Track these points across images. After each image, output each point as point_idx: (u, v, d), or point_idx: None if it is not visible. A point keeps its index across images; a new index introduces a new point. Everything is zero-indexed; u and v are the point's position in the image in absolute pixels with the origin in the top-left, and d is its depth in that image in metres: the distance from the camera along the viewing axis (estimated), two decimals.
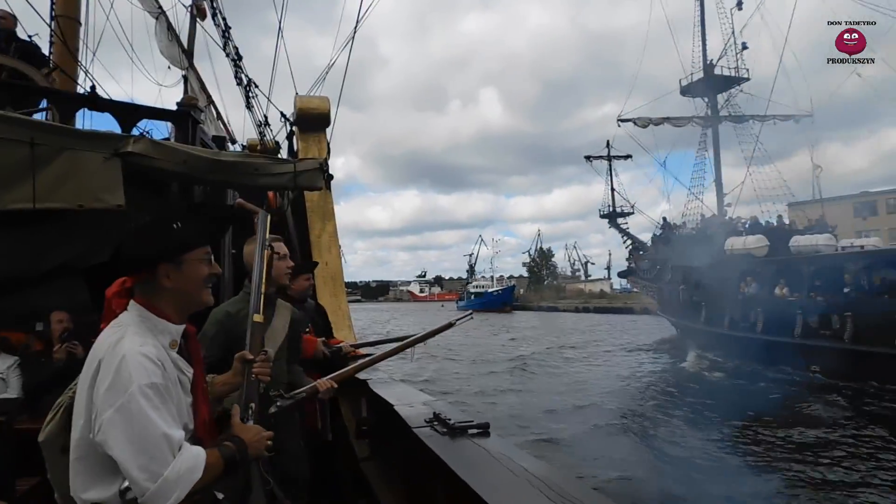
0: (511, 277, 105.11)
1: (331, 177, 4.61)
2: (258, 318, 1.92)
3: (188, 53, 10.45)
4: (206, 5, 9.29)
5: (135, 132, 3.85)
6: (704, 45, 26.17)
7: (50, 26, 5.53)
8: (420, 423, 2.10)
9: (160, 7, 9.79)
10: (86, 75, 5.57)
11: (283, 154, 6.33)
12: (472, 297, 79.59)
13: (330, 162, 4.49)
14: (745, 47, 24.87)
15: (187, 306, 1.51)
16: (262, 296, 1.99)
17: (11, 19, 4.97)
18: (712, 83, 25.88)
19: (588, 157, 29.30)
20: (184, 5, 10.31)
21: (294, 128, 5.91)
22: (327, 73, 6.56)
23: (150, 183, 3.39)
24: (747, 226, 21.70)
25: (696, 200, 26.43)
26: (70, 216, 2.88)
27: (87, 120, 5.03)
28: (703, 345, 20.02)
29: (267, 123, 7.60)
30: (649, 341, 26.03)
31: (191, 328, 1.56)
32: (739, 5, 25.14)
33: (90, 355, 1.38)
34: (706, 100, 26.48)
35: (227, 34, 7.80)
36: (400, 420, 2.24)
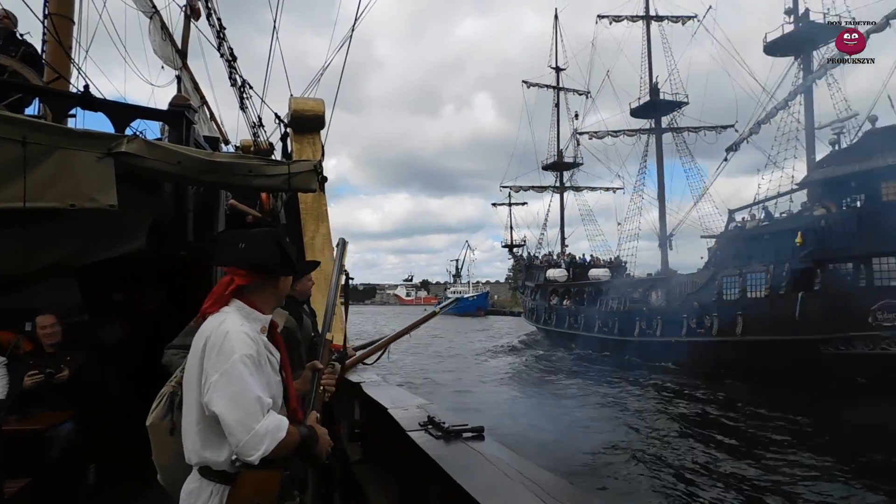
0: (488, 283, 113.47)
1: (325, 178, 4.59)
2: (330, 335, 2.10)
3: (182, 53, 10.40)
4: (200, 5, 9.24)
5: (128, 132, 3.82)
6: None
7: (43, 24, 5.49)
8: (414, 427, 2.10)
9: (154, 6, 9.74)
10: (79, 74, 5.54)
11: (277, 155, 6.31)
12: (447, 299, 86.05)
13: (323, 164, 4.48)
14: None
15: (261, 307, 1.74)
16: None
17: (11, 19, 4.93)
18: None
19: (494, 204, 45.69)
20: (178, 5, 10.26)
21: (288, 129, 5.89)
22: (322, 74, 6.55)
23: (144, 183, 3.37)
24: (561, 261, 37.86)
25: (543, 237, 41.71)
26: (62, 216, 2.85)
27: (80, 119, 5.01)
28: (535, 332, 37.26)
29: (261, 124, 7.57)
30: (518, 336, 38.06)
31: (273, 322, 1.80)
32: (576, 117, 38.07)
33: (198, 336, 1.62)
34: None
35: (221, 34, 7.76)
36: (394, 423, 2.24)
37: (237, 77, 7.17)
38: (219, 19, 7.29)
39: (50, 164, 2.70)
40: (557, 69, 40.31)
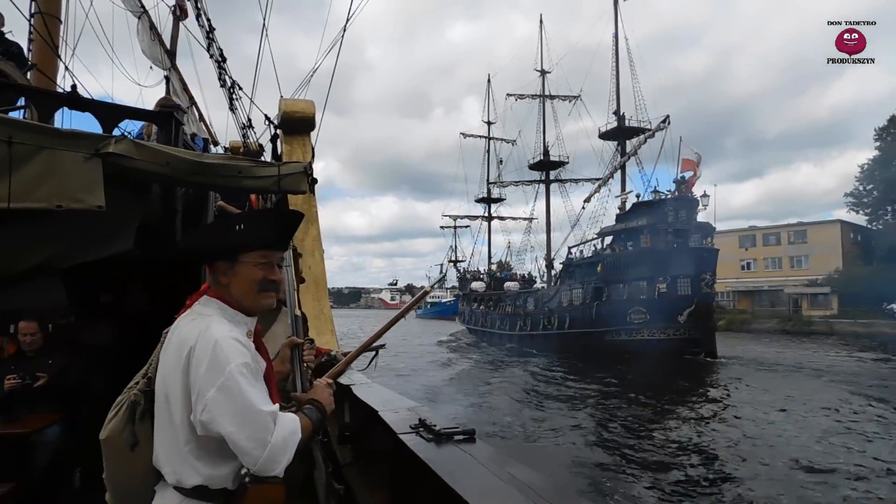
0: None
1: (315, 181, 4.57)
2: (299, 312, 2.03)
3: (171, 53, 10.31)
4: (189, 5, 9.18)
5: (116, 132, 3.78)
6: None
7: (30, 23, 5.43)
8: (405, 429, 2.09)
9: (142, 6, 9.66)
10: (66, 73, 5.48)
11: (267, 157, 6.27)
12: (429, 306, 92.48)
13: (313, 165, 4.46)
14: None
15: (242, 307, 1.55)
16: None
17: None
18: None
19: (442, 227, 58.95)
20: (167, 5, 10.18)
21: (278, 131, 5.87)
22: (312, 76, 6.53)
23: (132, 184, 3.33)
24: (481, 275, 50.93)
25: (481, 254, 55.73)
26: (48, 216, 2.82)
27: (66, 119, 4.96)
28: (463, 331, 47.84)
29: (250, 126, 7.53)
30: (452, 333, 48.49)
31: (257, 326, 1.64)
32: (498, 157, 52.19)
33: (175, 342, 1.44)
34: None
35: (210, 35, 7.70)
36: (384, 425, 2.23)
37: (226, 78, 7.13)
38: (208, 19, 7.23)
39: (36, 164, 2.66)
40: (489, 123, 55.31)
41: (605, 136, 37.44)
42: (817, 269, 50.50)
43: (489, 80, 55.93)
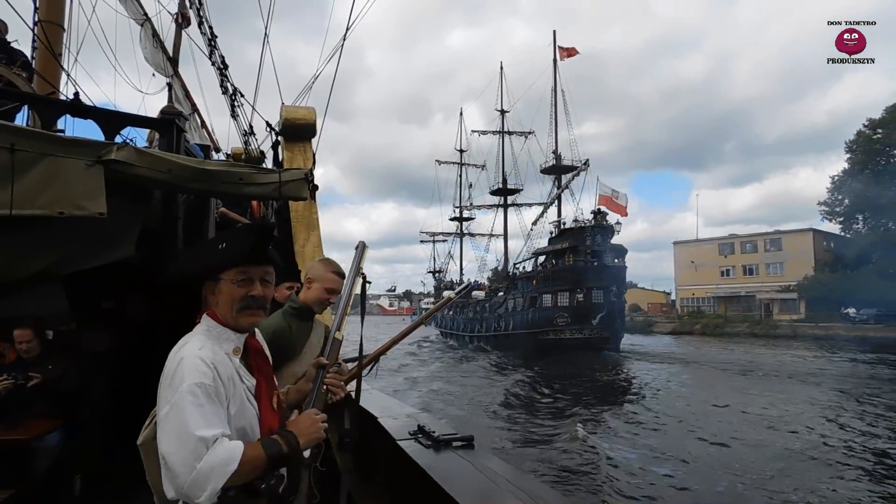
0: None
1: (316, 187, 4.59)
2: (339, 335, 1.98)
3: (173, 61, 10.38)
4: (191, 13, 9.24)
5: (118, 140, 3.80)
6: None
7: (33, 31, 5.47)
8: (404, 436, 2.10)
9: (145, 14, 9.72)
10: (68, 80, 5.51)
11: (269, 164, 6.30)
12: (423, 312, 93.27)
13: (314, 172, 4.48)
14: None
15: (228, 324, 1.56)
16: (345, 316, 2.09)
17: (1, 27, 4.91)
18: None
19: (422, 241, 66.78)
20: (169, 13, 10.25)
21: (279, 137, 5.89)
22: (313, 83, 6.57)
23: (133, 190, 3.35)
24: (452, 284, 54.47)
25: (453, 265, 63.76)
26: (50, 223, 2.83)
27: (69, 126, 4.98)
28: (437, 333, 56.05)
29: (252, 132, 7.57)
30: (428, 335, 54.52)
31: (254, 342, 1.65)
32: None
33: (168, 358, 1.48)
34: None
35: (212, 42, 7.76)
36: (384, 432, 2.23)
37: (228, 85, 7.18)
38: (210, 27, 7.29)
39: (38, 171, 2.68)
40: (461, 151, 62.21)
41: (545, 171, 47.06)
42: (792, 275, 53.44)
43: (461, 113, 67.25)
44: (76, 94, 3.80)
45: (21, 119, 4.55)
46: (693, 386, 20.13)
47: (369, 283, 2.24)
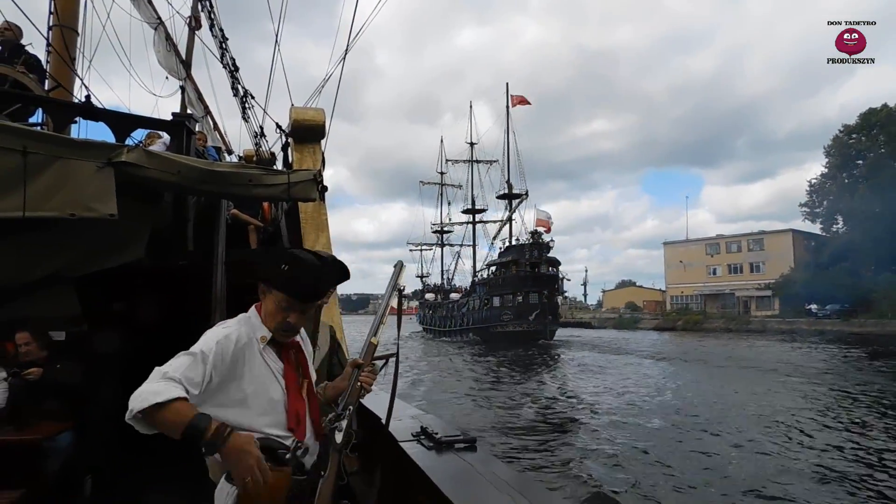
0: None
1: (325, 188, 4.60)
2: (375, 340, 2.06)
3: (186, 64, 10.47)
4: (202, 16, 9.33)
5: (129, 142, 3.85)
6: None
7: (47, 37, 5.54)
8: (407, 437, 2.10)
9: (159, 17, 9.83)
10: (81, 84, 5.58)
11: (279, 165, 6.33)
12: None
13: (322, 173, 4.49)
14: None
15: (267, 326, 1.72)
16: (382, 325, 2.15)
17: (16, 31, 4.98)
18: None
19: (411, 249, 78.50)
20: (182, 16, 10.35)
21: (289, 139, 5.92)
22: (323, 85, 6.59)
23: (144, 192, 3.38)
24: (434, 288, 70.93)
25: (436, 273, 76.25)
26: (61, 225, 2.87)
27: (82, 129, 5.05)
28: (421, 329, 66.04)
29: (262, 134, 7.61)
30: (413, 331, 63.38)
31: (293, 342, 1.80)
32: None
33: None
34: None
35: (223, 45, 7.82)
36: (387, 434, 2.23)
37: (239, 87, 7.23)
38: (221, 30, 7.35)
39: (50, 173, 2.71)
40: (441, 174, 73.75)
41: (500, 197, 58.51)
42: (772, 274, 56.74)
43: (441, 141, 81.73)
44: (87, 97, 3.84)
45: (35, 121, 4.61)
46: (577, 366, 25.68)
47: (406, 296, 2.28)
